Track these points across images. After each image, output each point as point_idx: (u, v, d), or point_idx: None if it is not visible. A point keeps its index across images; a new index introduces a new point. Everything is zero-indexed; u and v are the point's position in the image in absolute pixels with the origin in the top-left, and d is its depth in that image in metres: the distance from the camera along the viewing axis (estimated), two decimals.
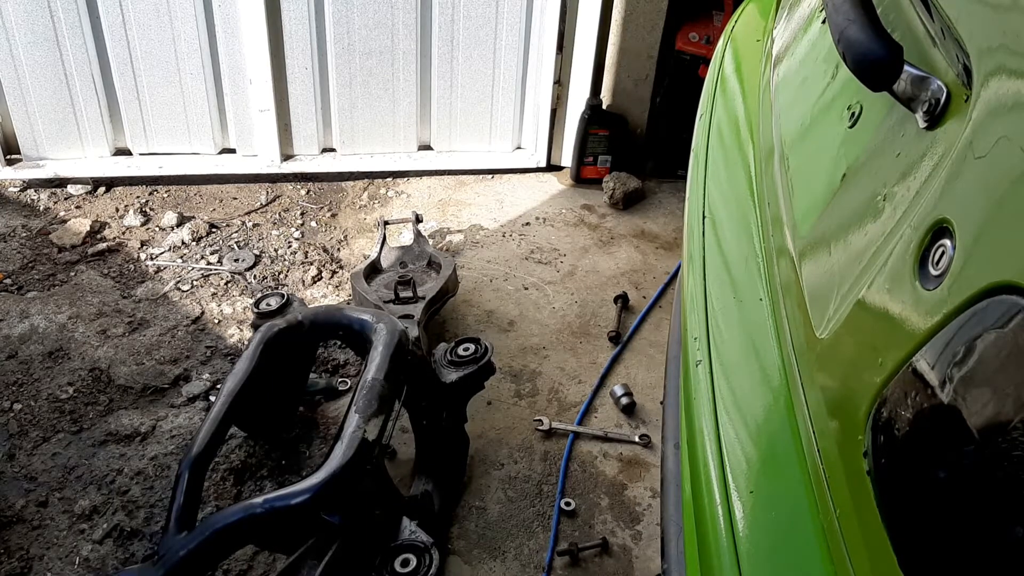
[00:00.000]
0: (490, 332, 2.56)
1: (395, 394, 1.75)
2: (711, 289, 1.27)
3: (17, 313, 2.48)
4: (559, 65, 3.15)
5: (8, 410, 2.18)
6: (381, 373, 1.71)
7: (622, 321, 2.63)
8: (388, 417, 1.70)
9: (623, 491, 2.10)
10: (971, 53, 0.79)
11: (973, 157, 0.73)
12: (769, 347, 1.10)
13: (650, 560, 1.94)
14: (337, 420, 2.20)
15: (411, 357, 1.86)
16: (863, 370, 0.81)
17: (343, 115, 3.15)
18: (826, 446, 0.85)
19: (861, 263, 0.87)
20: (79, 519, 1.92)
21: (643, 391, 2.38)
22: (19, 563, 1.82)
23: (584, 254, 2.95)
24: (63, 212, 2.97)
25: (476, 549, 1.95)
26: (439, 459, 2.02)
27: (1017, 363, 0.61)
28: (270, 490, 1.90)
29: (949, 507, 0.66)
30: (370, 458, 1.60)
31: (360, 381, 1.71)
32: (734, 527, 0.92)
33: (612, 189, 3.19)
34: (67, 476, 2.02)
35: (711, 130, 1.66)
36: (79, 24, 2.83)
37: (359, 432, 1.60)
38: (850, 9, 0.95)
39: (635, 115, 3.33)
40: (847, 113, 1.09)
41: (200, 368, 2.37)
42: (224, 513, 1.51)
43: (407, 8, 2.97)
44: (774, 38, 1.60)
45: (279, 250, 2.87)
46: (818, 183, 1.11)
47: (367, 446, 1.59)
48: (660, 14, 3.11)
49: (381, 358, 1.75)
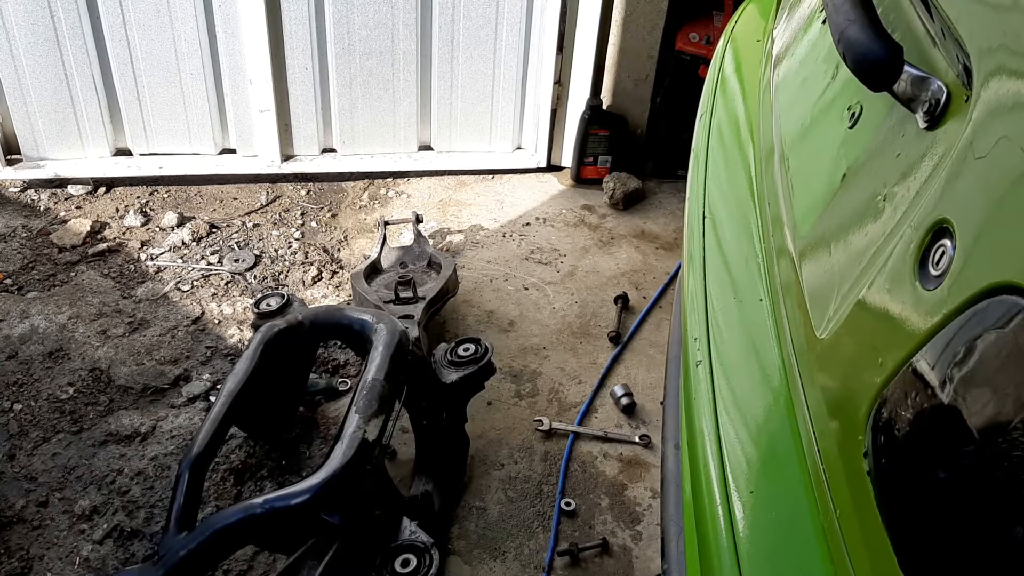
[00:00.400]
0: (490, 332, 2.56)
1: (395, 394, 1.75)
2: (711, 289, 1.27)
3: (17, 313, 2.48)
4: (559, 65, 3.15)
5: (8, 410, 2.18)
6: (381, 373, 1.71)
7: (622, 321, 2.63)
8: (388, 417, 1.70)
9: (623, 491, 2.10)
10: (971, 53, 0.79)
11: (973, 157, 0.73)
12: (769, 347, 1.10)
13: (650, 560, 1.94)
14: (337, 420, 2.20)
15: (411, 357, 1.86)
16: (863, 370, 0.81)
17: (343, 115, 3.15)
18: (826, 446, 0.85)
19: (861, 263, 0.87)
20: (79, 519, 1.92)
21: (643, 391, 2.38)
22: (19, 563, 1.82)
23: (584, 254, 2.95)
24: (63, 212, 2.97)
25: (476, 549, 1.95)
26: (439, 459, 2.02)
27: (1017, 363, 0.61)
28: (270, 490, 1.90)
29: (949, 507, 0.66)
30: (370, 458, 1.60)
31: (360, 381, 1.71)
32: (734, 527, 0.92)
33: (612, 189, 3.19)
34: (67, 476, 2.02)
35: (711, 130, 1.66)
36: (79, 24, 2.83)
37: (359, 432, 1.60)
38: (850, 9, 0.95)
39: (635, 115, 3.33)
40: (847, 113, 1.09)
41: (200, 368, 2.37)
42: (224, 513, 1.51)
43: (407, 8, 2.97)
44: (774, 38, 1.60)
45: (279, 250, 2.88)
46: (818, 183, 1.11)
47: (367, 446, 1.59)
48: (660, 14, 3.11)
49: (381, 358, 1.75)
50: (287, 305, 2.05)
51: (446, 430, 2.01)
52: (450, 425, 2.01)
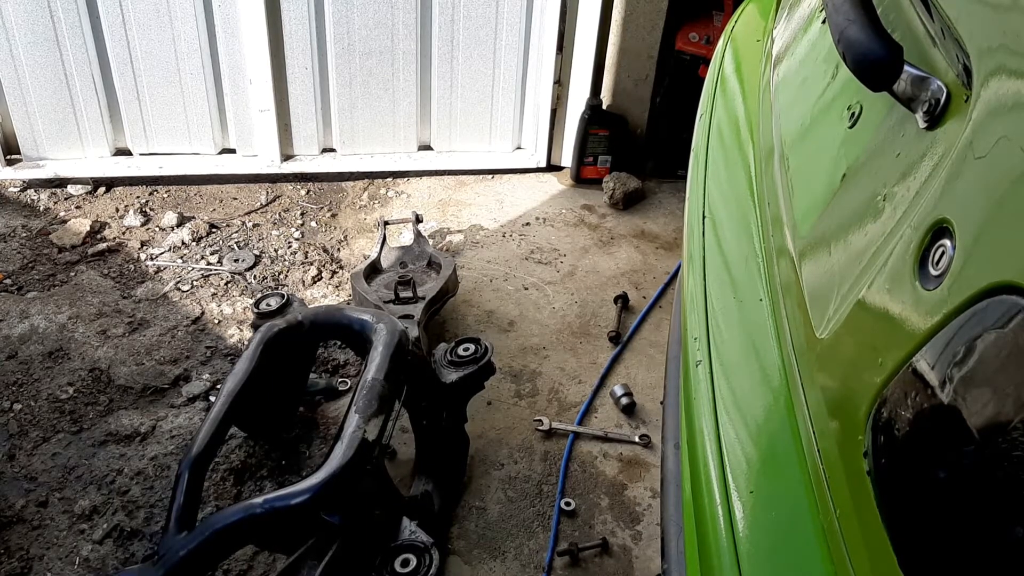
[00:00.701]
0: (490, 332, 2.56)
1: (396, 394, 1.75)
2: (711, 289, 1.27)
3: (17, 313, 2.48)
4: (559, 65, 3.15)
5: (8, 410, 2.18)
6: (381, 373, 1.71)
7: (622, 321, 2.63)
8: (388, 417, 1.70)
9: (623, 491, 2.10)
10: (971, 53, 0.79)
11: (973, 157, 0.73)
12: (769, 347, 1.10)
13: (650, 560, 1.94)
14: (337, 420, 2.20)
15: (411, 357, 1.86)
16: (863, 370, 0.81)
17: (343, 115, 3.15)
18: (826, 446, 0.85)
19: (861, 263, 0.87)
20: (79, 519, 1.92)
21: (643, 391, 2.38)
22: (19, 563, 1.82)
23: (584, 254, 2.95)
24: (63, 212, 2.97)
25: (476, 549, 1.95)
26: (439, 459, 2.02)
27: (1017, 363, 0.61)
28: (270, 490, 1.90)
29: (949, 507, 0.66)
30: (370, 458, 1.60)
31: (360, 381, 1.71)
32: (734, 527, 0.92)
33: (612, 189, 3.19)
34: (67, 476, 2.02)
35: (711, 130, 1.66)
36: (79, 24, 2.83)
37: (359, 432, 1.60)
38: (850, 9, 0.95)
39: (635, 115, 3.33)
40: (847, 113, 1.09)
41: (200, 368, 2.37)
42: (224, 513, 1.51)
43: (407, 8, 2.97)
44: (774, 38, 1.60)
45: (279, 250, 2.88)
46: (818, 183, 1.11)
47: (367, 446, 1.59)
48: (660, 14, 3.11)
49: (381, 358, 1.75)
50: (287, 305, 2.05)
51: (446, 430, 2.01)
52: (450, 425, 2.01)
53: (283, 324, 1.91)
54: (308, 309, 2.04)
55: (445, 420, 1.99)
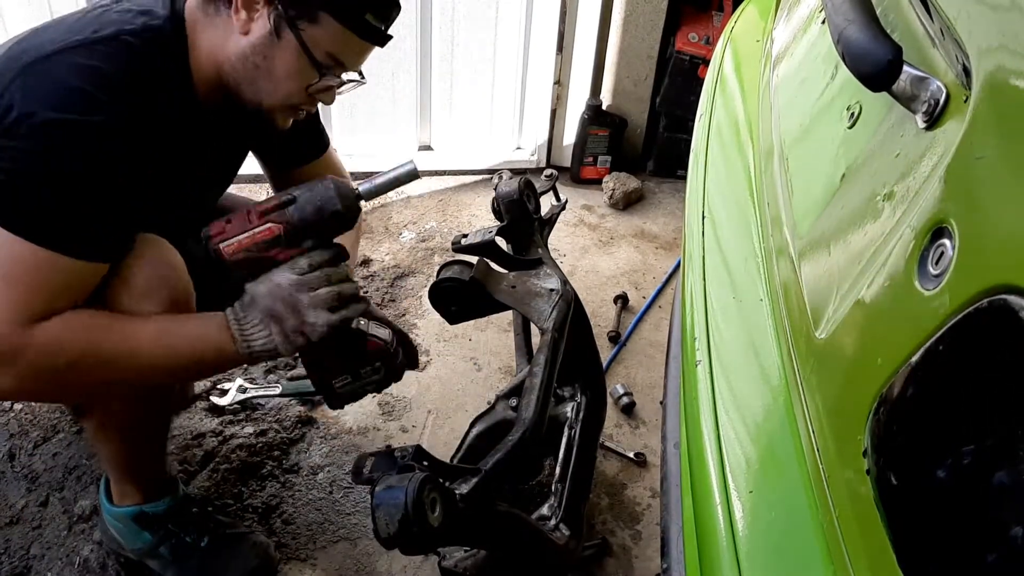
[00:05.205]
0: (490, 332, 2.56)
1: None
2: (711, 289, 1.27)
3: None
4: (559, 65, 3.15)
5: (8, 410, 2.18)
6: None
7: (622, 321, 2.63)
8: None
9: (623, 491, 2.10)
10: (971, 53, 0.79)
11: (973, 157, 0.74)
12: (769, 347, 1.11)
13: (650, 560, 1.94)
14: (337, 420, 2.20)
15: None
16: (862, 370, 0.81)
17: (342, 115, 3.15)
18: (826, 446, 0.85)
19: (861, 263, 0.88)
20: (79, 519, 1.92)
21: (643, 391, 2.37)
22: (19, 563, 1.82)
23: (584, 254, 2.95)
24: None
25: None
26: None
27: (1017, 363, 0.61)
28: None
29: (949, 507, 0.66)
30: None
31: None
32: (734, 527, 0.92)
33: (612, 189, 3.20)
34: (67, 476, 2.02)
35: (711, 130, 1.66)
36: None
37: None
38: (850, 9, 0.96)
39: (635, 115, 3.33)
40: (846, 113, 1.10)
41: None
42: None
43: (407, 8, 2.95)
44: (774, 38, 1.60)
45: None
46: (817, 183, 1.12)
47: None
48: (660, 14, 3.12)
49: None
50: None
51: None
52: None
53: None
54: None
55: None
